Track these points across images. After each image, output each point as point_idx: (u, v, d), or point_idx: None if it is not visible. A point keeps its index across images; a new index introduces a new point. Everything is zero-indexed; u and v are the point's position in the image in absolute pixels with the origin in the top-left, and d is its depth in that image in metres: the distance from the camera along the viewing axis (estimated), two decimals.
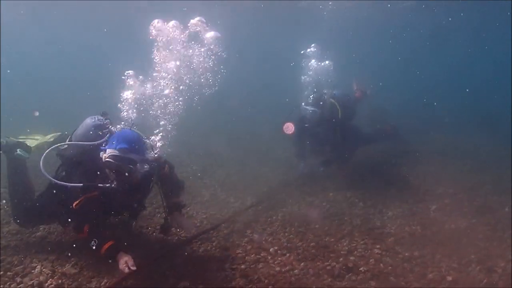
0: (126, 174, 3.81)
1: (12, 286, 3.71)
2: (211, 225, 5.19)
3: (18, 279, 3.83)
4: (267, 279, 3.89)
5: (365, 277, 3.94)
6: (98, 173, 3.94)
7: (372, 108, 9.69)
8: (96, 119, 4.43)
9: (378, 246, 4.59)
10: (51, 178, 4.03)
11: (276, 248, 4.57)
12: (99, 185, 3.89)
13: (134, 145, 3.87)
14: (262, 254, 4.42)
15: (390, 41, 22.46)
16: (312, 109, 6.77)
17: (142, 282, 3.85)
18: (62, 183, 4.00)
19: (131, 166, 3.79)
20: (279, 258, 4.33)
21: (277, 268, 4.11)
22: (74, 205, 3.89)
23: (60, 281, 3.78)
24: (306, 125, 6.92)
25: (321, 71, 7.74)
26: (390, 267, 4.12)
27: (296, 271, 4.06)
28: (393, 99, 14.29)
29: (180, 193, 4.69)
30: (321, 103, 6.91)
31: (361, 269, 4.07)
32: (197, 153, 9.19)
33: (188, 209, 5.81)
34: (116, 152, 3.76)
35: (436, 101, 14.22)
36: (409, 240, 4.77)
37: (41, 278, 3.88)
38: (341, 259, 4.29)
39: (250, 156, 9.06)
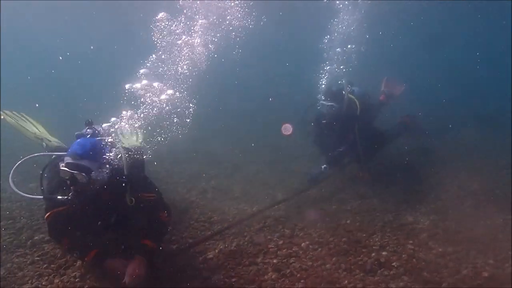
0: (80, 183, 3.50)
1: (56, 277, 3.91)
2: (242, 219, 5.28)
3: (61, 271, 4.02)
4: (299, 274, 3.94)
5: (397, 272, 3.93)
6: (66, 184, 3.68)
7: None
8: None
9: (410, 242, 4.56)
10: (15, 188, 3.77)
11: (307, 243, 4.60)
12: (58, 197, 3.67)
13: (90, 151, 3.53)
14: (293, 249, 4.47)
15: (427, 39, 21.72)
16: (329, 103, 6.36)
17: (176, 275, 3.97)
18: (20, 193, 3.79)
19: (84, 174, 3.46)
20: (311, 253, 4.37)
21: (309, 263, 4.15)
22: (45, 217, 3.82)
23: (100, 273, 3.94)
24: (324, 121, 6.51)
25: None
26: (423, 263, 4.09)
27: (328, 265, 4.09)
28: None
29: (156, 238, 3.95)
30: (339, 92, 6.47)
31: (394, 264, 4.06)
32: (227, 150, 9.31)
33: (221, 205, 5.92)
34: (68, 159, 3.52)
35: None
36: (443, 236, 4.71)
37: (83, 270, 4.06)
38: (373, 254, 4.29)
39: (280, 153, 9.10)
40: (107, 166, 3.66)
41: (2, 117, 5.60)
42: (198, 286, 3.78)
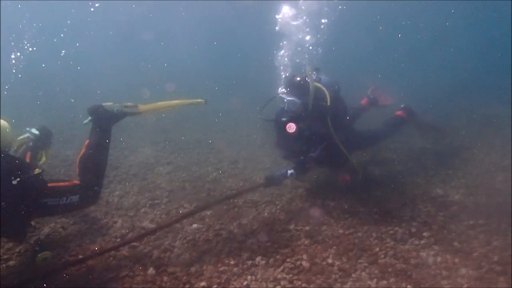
0: None
1: (98, 238, 4.15)
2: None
3: (103, 231, 4.26)
4: (331, 240, 4.06)
5: (428, 242, 4.00)
6: None
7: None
8: None
9: (441, 214, 4.60)
10: None
11: (338, 212, 4.71)
12: None
13: None
14: (325, 217, 4.58)
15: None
16: (289, 98, 5.02)
17: (212, 238, 4.15)
18: None
19: None
20: (342, 222, 4.48)
21: (341, 231, 4.26)
22: None
23: (139, 234, 4.14)
24: (284, 119, 5.09)
25: None
26: (454, 234, 4.14)
27: (359, 234, 4.19)
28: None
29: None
30: (300, 85, 5.11)
31: (424, 234, 4.13)
32: (255, 124, 9.40)
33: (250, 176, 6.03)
34: None
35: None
36: (474, 209, 4.72)
37: (123, 231, 4.29)
38: (403, 224, 4.36)
39: None
40: None
41: None
42: (235, 247, 3.95)
